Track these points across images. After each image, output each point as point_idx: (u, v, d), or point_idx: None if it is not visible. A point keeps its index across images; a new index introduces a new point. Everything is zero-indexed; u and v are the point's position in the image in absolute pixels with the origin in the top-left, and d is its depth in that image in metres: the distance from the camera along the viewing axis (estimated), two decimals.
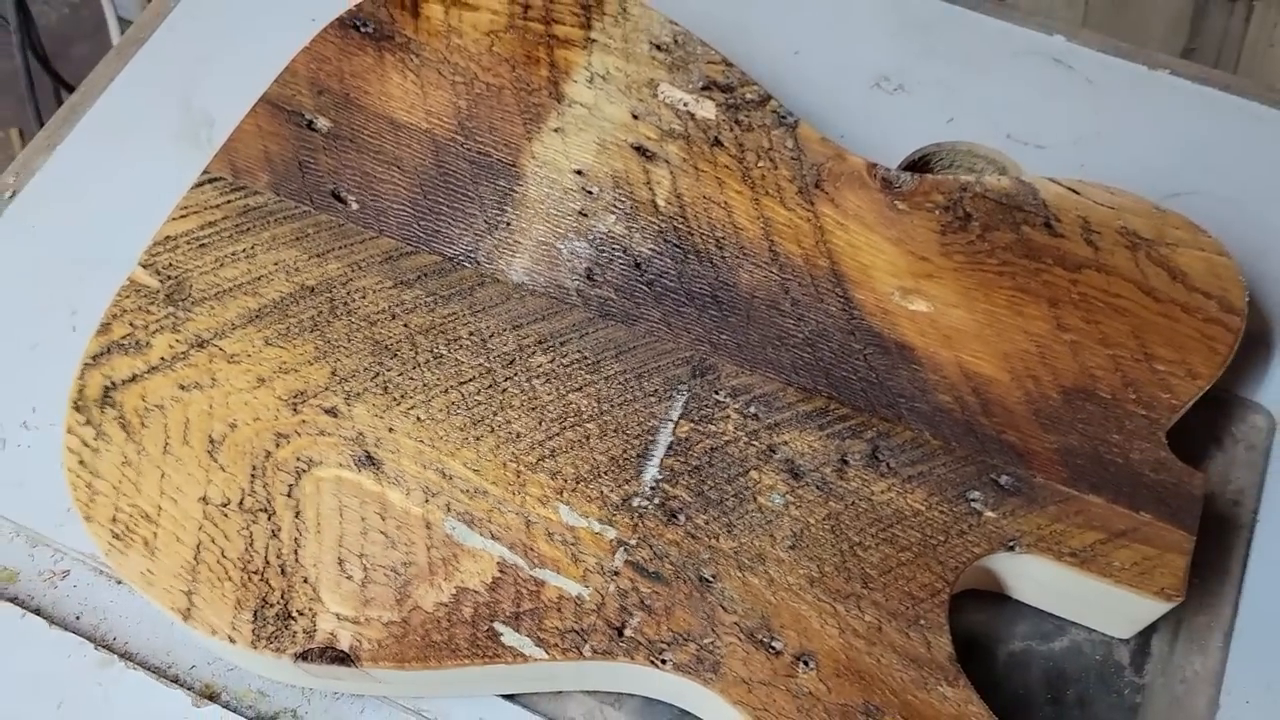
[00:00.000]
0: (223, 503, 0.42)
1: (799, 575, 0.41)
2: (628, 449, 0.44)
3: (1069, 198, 0.49)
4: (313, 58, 0.52)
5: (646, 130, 0.51)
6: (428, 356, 0.45)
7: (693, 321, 0.46)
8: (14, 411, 0.49)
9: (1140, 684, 0.45)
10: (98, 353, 0.45)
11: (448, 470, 0.43)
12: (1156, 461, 0.43)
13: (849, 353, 0.46)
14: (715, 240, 0.48)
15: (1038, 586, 0.44)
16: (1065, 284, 0.47)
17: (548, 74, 0.52)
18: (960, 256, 0.48)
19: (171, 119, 0.56)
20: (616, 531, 0.42)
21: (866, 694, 0.39)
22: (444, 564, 0.41)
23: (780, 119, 0.51)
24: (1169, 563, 0.42)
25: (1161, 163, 0.56)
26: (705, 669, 0.40)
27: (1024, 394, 0.45)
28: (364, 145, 0.50)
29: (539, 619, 0.40)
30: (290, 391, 0.44)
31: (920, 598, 0.41)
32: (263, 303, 0.46)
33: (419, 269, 0.47)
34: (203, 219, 0.48)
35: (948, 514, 0.43)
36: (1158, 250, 0.48)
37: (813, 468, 0.43)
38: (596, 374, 0.45)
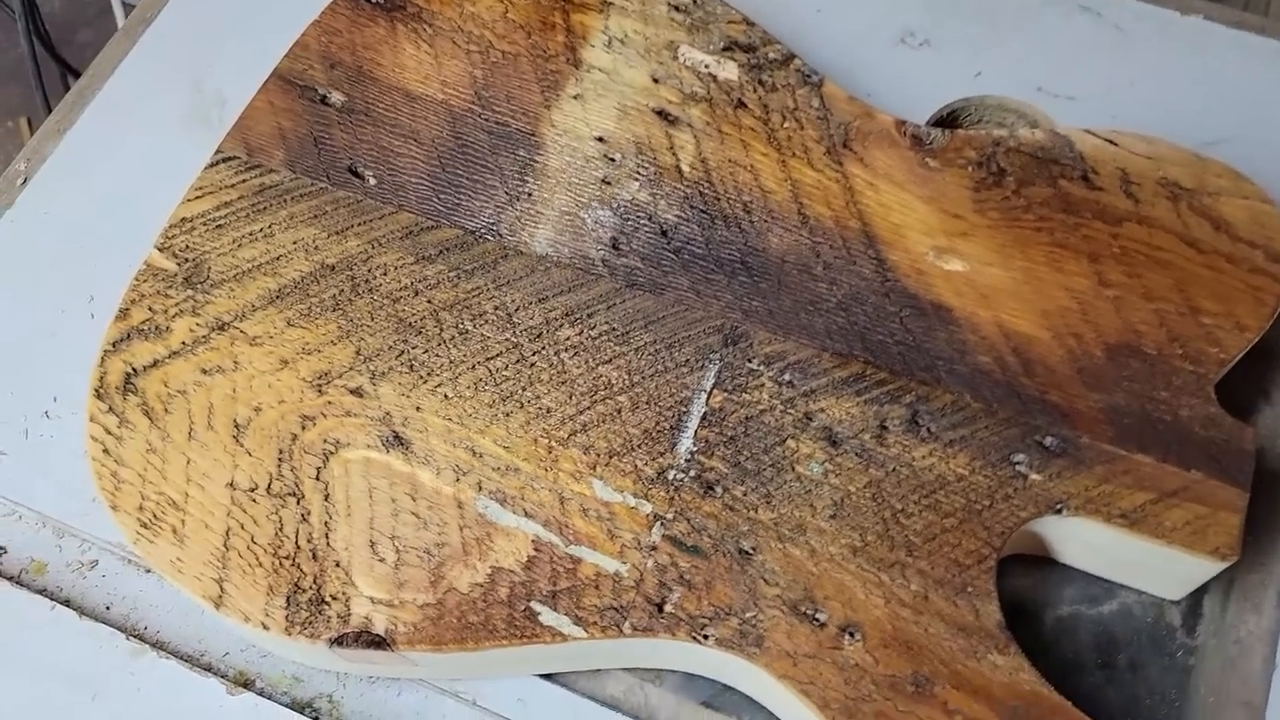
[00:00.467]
0: (250, 488, 0.42)
1: (841, 545, 0.40)
2: (661, 421, 0.43)
3: (1106, 149, 0.48)
4: (324, 31, 0.51)
5: (668, 94, 0.49)
6: (453, 333, 0.44)
7: (722, 289, 0.45)
8: (35, 401, 0.48)
9: (1193, 646, 0.44)
10: (118, 339, 0.44)
11: (478, 448, 0.42)
12: (1206, 417, 0.42)
13: (884, 316, 0.45)
14: (742, 204, 0.47)
15: (1086, 549, 0.43)
16: (1105, 238, 0.46)
17: (564, 39, 0.50)
18: (995, 213, 0.46)
19: (182, 99, 0.55)
20: (652, 505, 0.41)
21: (915, 664, 0.38)
22: (477, 543, 0.40)
23: (805, 78, 0.49)
24: (1223, 521, 0.40)
25: (1196, 110, 0.54)
26: (748, 643, 0.39)
27: (1066, 352, 0.44)
28: (379, 119, 0.49)
29: (577, 597, 0.40)
30: (314, 373, 0.44)
31: (966, 565, 0.40)
32: (283, 283, 0.45)
33: (440, 243, 0.46)
34: (218, 199, 0.47)
35: (992, 478, 0.41)
36: (1200, 200, 0.46)
37: (851, 435, 0.42)
38: (626, 345, 0.44)
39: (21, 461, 0.47)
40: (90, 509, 0.46)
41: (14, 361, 0.49)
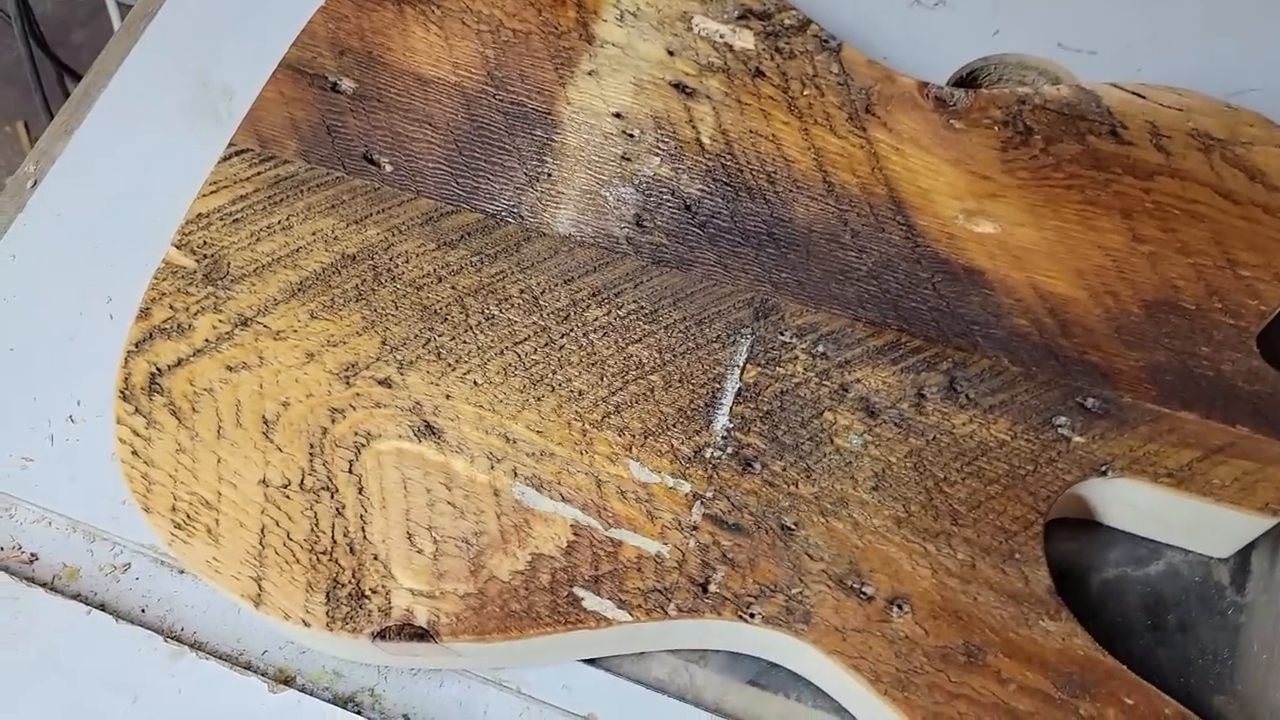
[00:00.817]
0: (283, 484, 0.41)
1: (885, 517, 0.40)
2: (695, 398, 0.42)
3: (1134, 102, 0.47)
4: (330, 17, 0.50)
5: (684, 66, 0.48)
6: (479, 318, 0.44)
7: (750, 262, 0.44)
8: (59, 406, 0.48)
9: (1243, 603, 0.43)
10: (140, 339, 0.44)
11: (511, 434, 0.42)
12: (1249, 371, 0.41)
13: (916, 282, 0.44)
14: (766, 175, 0.46)
15: (1131, 510, 0.42)
16: (1137, 193, 0.45)
17: (576, 15, 0.50)
18: (1024, 173, 0.45)
19: (188, 93, 0.55)
20: (691, 485, 0.40)
21: (966, 634, 0.38)
22: (516, 530, 0.40)
23: (823, 44, 0.49)
24: (1271, 476, 0.40)
25: (1222, 60, 0.53)
26: (795, 620, 0.38)
27: (1104, 311, 0.43)
28: (392, 104, 0.48)
29: (619, 580, 0.39)
30: (341, 365, 0.43)
31: (1013, 531, 0.39)
32: (304, 275, 0.45)
33: (461, 228, 0.45)
34: (233, 193, 0.46)
35: (1034, 442, 0.41)
36: (1232, 150, 0.45)
37: (889, 404, 0.42)
38: (655, 324, 0.43)
39: (49, 467, 0.47)
40: (120, 512, 0.46)
41: (35, 366, 0.49)
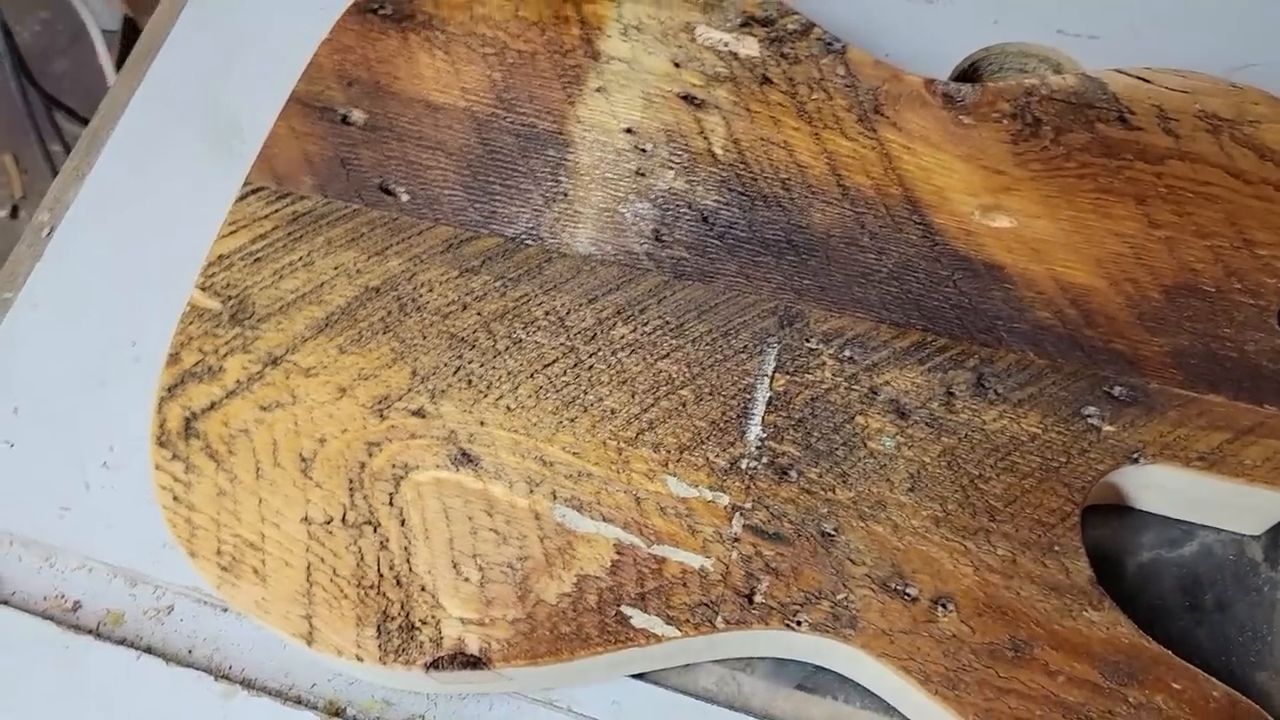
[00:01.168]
0: (325, 521, 0.41)
1: (923, 517, 0.40)
2: (727, 410, 0.42)
3: (1140, 87, 0.47)
4: (335, 49, 0.50)
5: (691, 77, 0.49)
6: (506, 343, 0.44)
7: (771, 270, 0.45)
8: (92, 453, 0.48)
9: (1278, 578, 0.44)
10: (172, 384, 0.44)
11: (547, 457, 0.42)
12: (1273, 350, 0.42)
13: (937, 281, 0.44)
14: (781, 182, 0.46)
15: (1163, 494, 0.43)
16: (1150, 178, 0.45)
17: (579, 32, 0.50)
18: (1037, 165, 0.46)
19: (198, 130, 0.55)
20: (730, 497, 0.41)
21: (1011, 629, 0.38)
22: (560, 553, 0.40)
23: (827, 46, 0.49)
24: None
25: (1220, 38, 0.54)
26: (842, 625, 0.39)
27: (1125, 299, 0.43)
28: (404, 133, 0.48)
29: (666, 597, 0.40)
30: (373, 398, 0.43)
31: (1050, 523, 0.40)
32: (329, 310, 0.45)
33: (482, 253, 0.46)
34: (253, 232, 0.47)
35: (1065, 434, 0.41)
36: (1241, 130, 0.46)
37: (919, 404, 0.42)
38: (682, 338, 0.44)
39: (86, 514, 0.47)
40: (160, 554, 0.46)
41: (65, 414, 0.49)
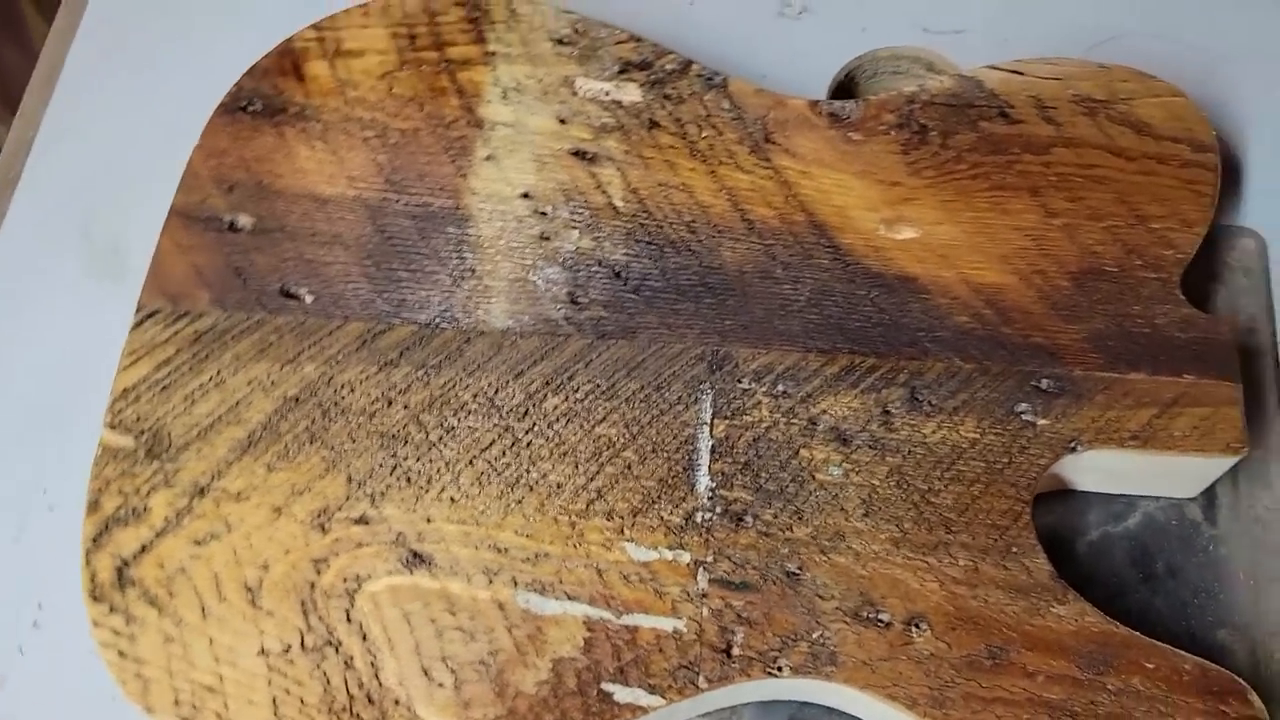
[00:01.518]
0: (284, 649, 0.40)
1: (882, 540, 0.41)
2: (673, 465, 0.42)
3: (1014, 80, 0.48)
4: (209, 154, 0.48)
5: (579, 132, 0.48)
6: (439, 433, 0.43)
7: (692, 316, 0.45)
8: (19, 614, 0.46)
9: (1218, 534, 0.45)
10: (96, 534, 0.42)
11: (500, 543, 0.41)
12: (1182, 320, 0.43)
13: (855, 301, 0.45)
14: (686, 225, 0.46)
15: (1103, 474, 0.44)
16: (1039, 169, 0.46)
17: (459, 102, 0.49)
18: (930, 172, 0.47)
19: (74, 256, 0.52)
20: (690, 553, 0.41)
21: (985, 637, 0.39)
22: (530, 640, 0.40)
23: (708, 81, 0.49)
24: (1225, 416, 0.42)
25: (1079, 15, 0.55)
26: (822, 664, 0.39)
27: (1036, 292, 0.44)
28: (296, 231, 0.47)
29: (645, 666, 0.39)
30: (312, 512, 0.42)
31: (1005, 525, 0.41)
32: (250, 429, 0.43)
33: (398, 344, 0.45)
34: (155, 359, 0.45)
35: (1003, 434, 0.42)
36: (1115, 109, 0.47)
37: (859, 428, 0.42)
38: (615, 399, 0.43)
39: (25, 681, 0.45)
40: (112, 709, 0.44)
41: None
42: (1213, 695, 0.38)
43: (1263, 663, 0.42)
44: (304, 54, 0.50)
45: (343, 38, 0.50)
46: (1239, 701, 0.38)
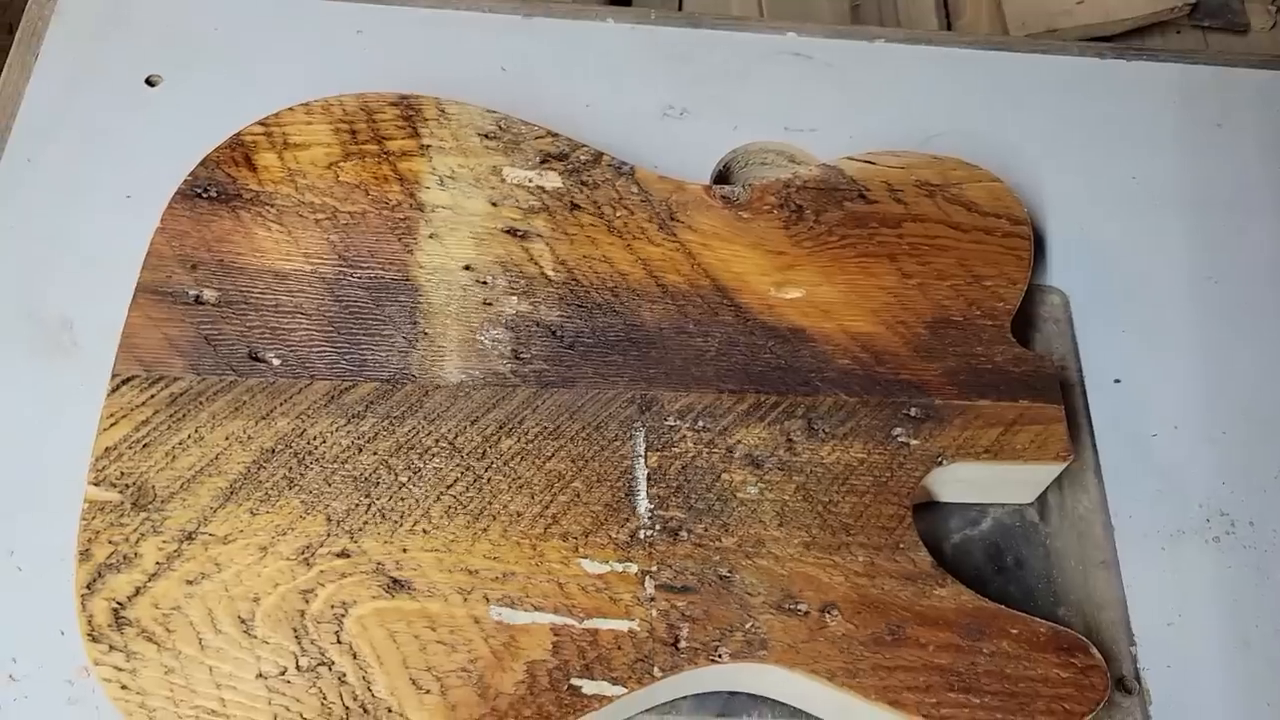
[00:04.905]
0: (280, 672, 0.44)
1: (795, 545, 0.49)
2: (616, 492, 0.49)
3: (869, 168, 0.58)
4: (171, 236, 0.53)
5: (509, 213, 0.55)
6: (408, 474, 0.49)
7: (621, 366, 0.52)
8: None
9: (1050, 532, 0.55)
10: (89, 580, 0.45)
11: (471, 566, 0.47)
12: (1015, 357, 0.54)
13: (756, 350, 0.53)
14: (610, 290, 0.54)
15: (961, 484, 0.53)
16: (894, 239, 0.56)
17: (400, 188, 0.56)
18: (808, 242, 0.56)
19: (25, 334, 0.55)
20: (638, 565, 0.48)
21: (885, 617, 0.47)
22: (505, 648, 0.45)
23: (618, 170, 0.57)
24: (1054, 432, 0.52)
25: (907, 115, 0.67)
26: (755, 649, 0.46)
27: (900, 338, 0.54)
28: (259, 304, 0.52)
29: (607, 662, 0.45)
30: (296, 550, 0.47)
31: (892, 527, 0.49)
32: (231, 478, 0.48)
33: (363, 399, 0.50)
34: (134, 420, 0.49)
35: (884, 453, 0.51)
36: (949, 191, 0.58)
37: (769, 454, 0.50)
38: (561, 438, 0.50)
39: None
40: None
41: None
42: (1064, 651, 0.47)
43: (1093, 629, 0.52)
44: (253, 146, 0.56)
45: (289, 132, 0.56)
46: (1083, 654, 0.47)
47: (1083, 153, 0.66)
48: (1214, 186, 0.66)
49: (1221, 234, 0.64)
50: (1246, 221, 0.65)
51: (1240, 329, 0.61)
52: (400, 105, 0.58)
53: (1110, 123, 0.68)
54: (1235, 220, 0.65)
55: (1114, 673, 0.51)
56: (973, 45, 0.70)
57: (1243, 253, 0.64)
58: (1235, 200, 0.65)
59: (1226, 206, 0.65)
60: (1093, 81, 0.69)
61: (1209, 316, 0.62)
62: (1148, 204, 0.65)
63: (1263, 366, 0.60)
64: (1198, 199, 0.65)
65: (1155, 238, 0.64)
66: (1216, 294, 0.62)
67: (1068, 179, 0.65)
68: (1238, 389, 0.59)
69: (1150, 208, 0.65)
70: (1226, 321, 0.61)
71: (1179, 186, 0.66)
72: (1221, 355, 0.60)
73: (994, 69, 0.69)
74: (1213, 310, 0.62)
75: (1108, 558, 0.55)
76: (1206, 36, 0.97)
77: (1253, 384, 0.60)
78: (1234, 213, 0.65)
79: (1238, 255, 0.64)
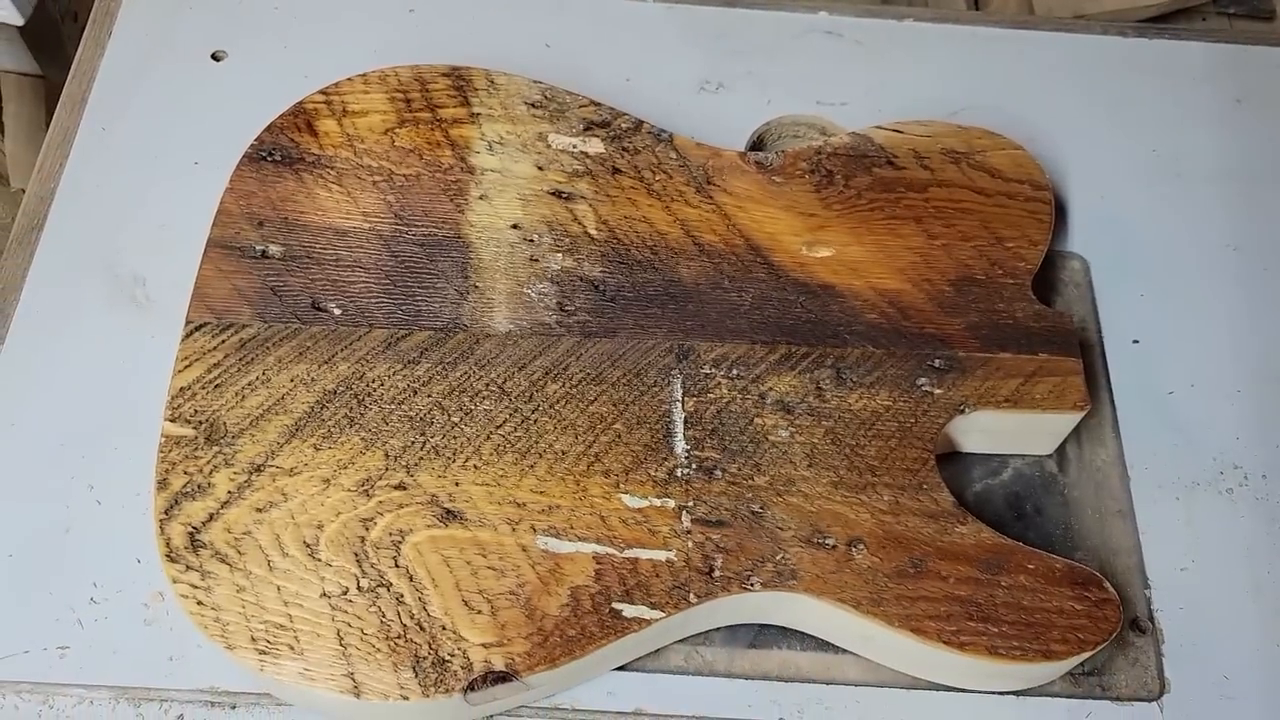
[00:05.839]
0: (342, 591, 0.48)
1: (824, 484, 0.51)
2: (654, 433, 0.52)
3: (896, 137, 0.61)
4: (238, 195, 0.57)
5: (555, 176, 0.59)
6: (459, 415, 0.52)
7: (660, 318, 0.55)
8: (77, 592, 0.52)
9: (1069, 482, 0.58)
10: (167, 506, 0.49)
11: (519, 499, 0.50)
12: (1036, 313, 0.56)
13: (788, 305, 0.56)
14: (649, 249, 0.57)
15: (983, 434, 0.56)
16: (920, 203, 0.59)
17: (452, 152, 0.59)
18: (838, 205, 0.59)
19: (101, 288, 0.59)
20: (675, 500, 0.51)
21: (908, 551, 0.50)
22: (551, 574, 0.49)
23: (657, 137, 0.60)
24: (1071, 383, 0.55)
25: (934, 91, 0.69)
26: (785, 579, 0.49)
27: (925, 294, 0.57)
28: (321, 258, 0.56)
29: (646, 588, 0.49)
30: (357, 482, 0.50)
31: (916, 469, 0.52)
32: (296, 417, 0.51)
33: (418, 346, 0.54)
34: (206, 363, 0.52)
35: (909, 401, 0.54)
36: (973, 159, 0.61)
37: (799, 400, 0.53)
38: (603, 383, 0.53)
39: (87, 648, 0.51)
40: (168, 667, 0.51)
41: (41, 562, 0.52)
42: (1078, 585, 0.50)
43: (1109, 574, 0.55)
44: (314, 113, 0.59)
45: (347, 101, 0.60)
46: (1097, 588, 0.50)
47: (1104, 127, 0.69)
48: (1233, 159, 0.68)
49: (1239, 204, 0.67)
50: (1266, 192, 0.67)
51: (1256, 293, 0.63)
52: (452, 76, 0.61)
53: (1132, 99, 0.70)
54: (1254, 191, 0.67)
55: (1128, 614, 0.54)
56: (999, 24, 0.73)
57: (1262, 222, 0.66)
58: (1254, 172, 0.68)
59: (1245, 178, 0.67)
60: (1116, 59, 0.72)
61: (1226, 282, 0.64)
62: (1167, 175, 0.67)
63: (1278, 328, 0.62)
64: (1217, 171, 0.68)
65: (1174, 207, 0.66)
66: (1235, 260, 0.65)
67: (1089, 151, 0.68)
68: (1254, 350, 0.62)
69: (1170, 179, 0.67)
70: (1243, 286, 0.64)
71: (1198, 159, 0.68)
72: (1238, 318, 0.63)
73: (1019, 47, 0.72)
74: (1230, 276, 0.64)
75: (1124, 507, 0.57)
76: (1232, 23, 0.99)
77: (1267, 345, 0.62)
78: (1253, 184, 0.67)
79: (1257, 224, 0.66)
